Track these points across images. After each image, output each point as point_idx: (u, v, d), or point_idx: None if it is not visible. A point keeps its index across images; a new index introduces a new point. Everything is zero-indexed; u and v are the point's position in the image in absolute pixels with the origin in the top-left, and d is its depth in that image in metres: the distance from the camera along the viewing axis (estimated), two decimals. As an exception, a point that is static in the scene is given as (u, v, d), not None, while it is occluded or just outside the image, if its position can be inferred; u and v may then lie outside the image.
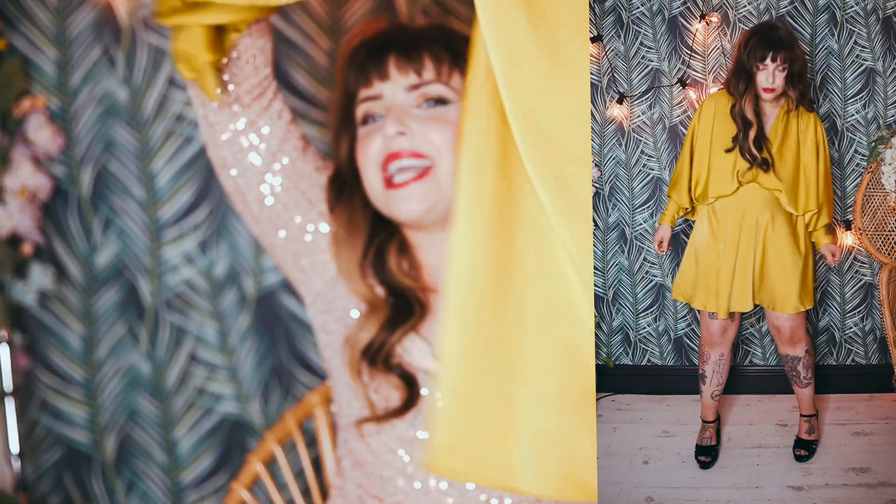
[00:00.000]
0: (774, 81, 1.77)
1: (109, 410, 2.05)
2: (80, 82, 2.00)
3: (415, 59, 1.30)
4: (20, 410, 2.01)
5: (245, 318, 2.05)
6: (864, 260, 1.96)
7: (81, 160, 2.02)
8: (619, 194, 2.02)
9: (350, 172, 1.36)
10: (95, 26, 1.99)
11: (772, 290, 1.85)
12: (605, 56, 1.97)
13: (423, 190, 1.27)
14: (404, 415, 1.28)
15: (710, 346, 1.90)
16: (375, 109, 1.31)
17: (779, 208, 1.82)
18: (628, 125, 1.98)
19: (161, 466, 2.07)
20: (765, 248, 1.83)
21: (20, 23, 1.98)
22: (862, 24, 1.90)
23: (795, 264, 1.83)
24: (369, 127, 1.31)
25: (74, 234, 2.03)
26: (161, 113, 2.00)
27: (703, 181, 1.83)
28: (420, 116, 1.29)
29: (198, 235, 2.03)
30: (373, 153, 1.29)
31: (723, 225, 1.84)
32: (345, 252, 1.33)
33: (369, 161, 1.30)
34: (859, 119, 1.93)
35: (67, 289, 2.04)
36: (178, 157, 2.01)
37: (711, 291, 1.86)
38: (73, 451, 2.06)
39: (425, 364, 1.29)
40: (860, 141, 1.94)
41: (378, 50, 1.32)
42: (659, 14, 1.95)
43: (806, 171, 1.81)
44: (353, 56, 1.35)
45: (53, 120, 2.00)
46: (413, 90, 1.30)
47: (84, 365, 2.05)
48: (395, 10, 1.97)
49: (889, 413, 1.94)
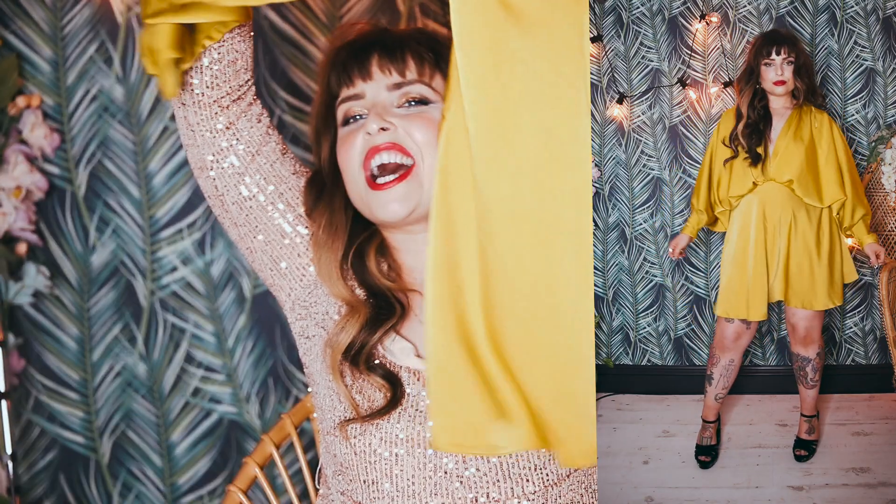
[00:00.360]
0: (783, 74, 1.81)
1: (105, 412, 2.04)
2: (75, 80, 1.98)
3: (398, 58, 1.31)
4: (14, 412, 1.99)
5: (242, 318, 2.04)
6: (864, 260, 1.97)
7: (77, 159, 2.00)
8: (619, 194, 2.02)
9: (330, 174, 1.37)
10: (91, 24, 1.97)
11: (799, 287, 1.86)
12: (604, 56, 1.97)
13: (405, 191, 1.28)
14: (389, 414, 1.27)
15: (721, 350, 1.91)
16: (357, 109, 1.32)
17: (800, 205, 1.83)
18: (628, 125, 1.98)
19: (157, 469, 2.05)
20: (789, 246, 1.85)
21: (15, 20, 1.96)
22: (862, 24, 1.91)
23: (821, 260, 1.85)
24: (351, 127, 1.32)
25: (69, 233, 2.01)
26: (157, 111, 1.99)
27: (724, 182, 1.86)
28: (402, 115, 1.29)
29: (194, 235, 2.02)
30: (355, 152, 1.30)
31: (746, 227, 1.86)
32: (325, 254, 1.34)
33: (351, 160, 1.31)
34: (859, 119, 1.93)
35: (62, 289, 2.02)
36: (174, 156, 2.00)
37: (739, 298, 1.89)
38: (68, 453, 2.04)
39: (408, 363, 1.29)
40: (860, 141, 1.94)
41: (361, 50, 1.33)
42: (659, 14, 1.96)
43: (825, 163, 1.83)
44: (336, 56, 1.35)
45: (48, 118, 1.99)
46: (395, 89, 1.30)
47: (79, 366, 2.03)
48: (394, 7, 1.96)
49: (889, 413, 1.95)
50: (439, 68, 1.32)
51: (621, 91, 1.97)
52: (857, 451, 1.90)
